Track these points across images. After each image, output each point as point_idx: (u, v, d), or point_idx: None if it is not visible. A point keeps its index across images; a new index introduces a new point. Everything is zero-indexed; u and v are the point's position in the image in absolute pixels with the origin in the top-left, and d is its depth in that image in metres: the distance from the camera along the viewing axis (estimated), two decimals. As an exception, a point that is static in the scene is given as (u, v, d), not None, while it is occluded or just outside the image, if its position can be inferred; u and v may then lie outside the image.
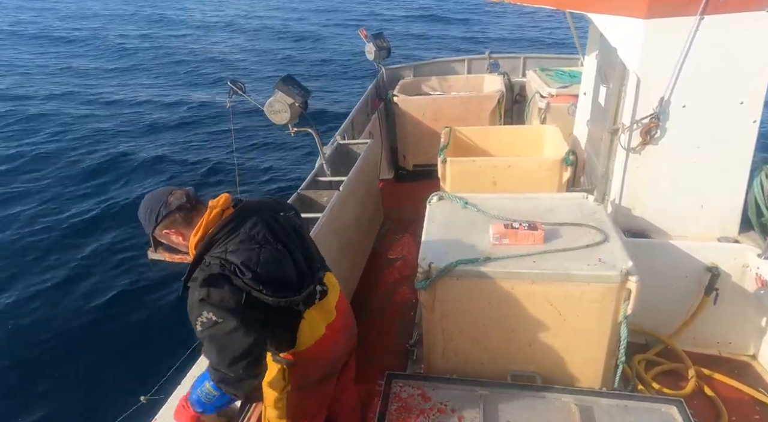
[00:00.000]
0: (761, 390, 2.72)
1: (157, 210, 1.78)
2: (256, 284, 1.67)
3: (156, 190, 1.89)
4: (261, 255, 1.72)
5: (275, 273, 1.73)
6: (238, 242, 1.72)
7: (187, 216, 1.80)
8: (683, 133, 2.67)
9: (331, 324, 1.98)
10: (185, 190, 1.85)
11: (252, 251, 1.71)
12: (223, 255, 1.68)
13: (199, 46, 19.71)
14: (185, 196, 1.81)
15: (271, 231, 1.81)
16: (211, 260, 1.68)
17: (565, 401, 2.05)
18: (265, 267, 1.70)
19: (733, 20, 2.39)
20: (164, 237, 1.85)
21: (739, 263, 2.77)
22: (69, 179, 8.71)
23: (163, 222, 1.78)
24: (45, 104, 12.94)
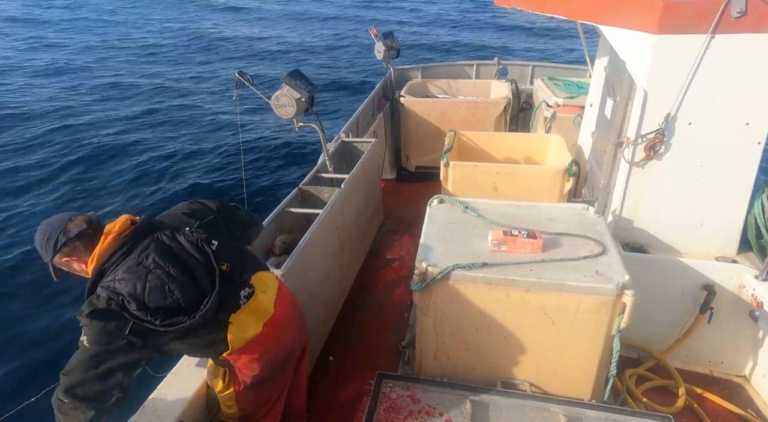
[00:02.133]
0: (750, 412, 2.72)
1: (55, 237, 1.74)
2: (143, 314, 1.66)
3: (53, 217, 1.84)
4: (147, 282, 1.69)
5: (162, 301, 1.69)
6: (125, 269, 1.70)
7: (88, 243, 1.77)
8: (687, 151, 2.67)
9: (270, 320, 1.95)
10: (86, 215, 1.82)
11: (138, 280, 1.68)
12: (111, 285, 1.68)
13: (210, 35, 19.72)
14: (86, 222, 1.78)
15: (163, 254, 1.76)
16: (101, 292, 1.68)
17: (554, 411, 2.05)
18: (151, 296, 1.68)
19: (743, 40, 2.39)
20: (64, 265, 1.82)
21: (736, 283, 2.77)
22: (71, 171, 8.69)
23: (62, 250, 1.75)
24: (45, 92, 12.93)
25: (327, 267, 3.30)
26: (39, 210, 7.22)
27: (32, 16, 23.00)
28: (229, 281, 1.87)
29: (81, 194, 7.75)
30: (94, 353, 1.63)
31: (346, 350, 3.30)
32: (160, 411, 2.03)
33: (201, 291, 1.77)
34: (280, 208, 3.37)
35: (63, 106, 11.49)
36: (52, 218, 1.83)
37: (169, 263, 1.75)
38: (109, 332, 1.64)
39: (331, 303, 3.42)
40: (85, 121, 10.65)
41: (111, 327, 1.64)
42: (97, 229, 1.79)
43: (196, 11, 25.49)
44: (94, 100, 12.05)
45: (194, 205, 2.06)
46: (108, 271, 1.71)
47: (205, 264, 1.82)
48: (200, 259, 1.82)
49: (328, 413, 2.84)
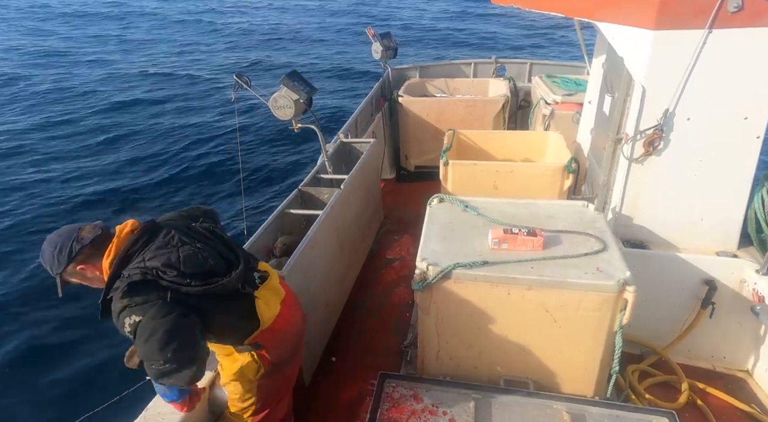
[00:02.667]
0: (753, 406, 2.72)
1: (69, 246, 1.75)
2: (182, 279, 1.71)
3: (59, 230, 1.84)
4: (180, 253, 1.76)
5: (199, 267, 1.78)
6: (154, 249, 1.75)
7: (102, 248, 1.79)
8: (686, 146, 2.67)
9: (284, 300, 2.09)
10: (94, 223, 1.85)
11: (170, 253, 1.75)
12: (141, 265, 1.70)
13: (207, 38, 19.72)
14: (99, 228, 1.81)
15: (185, 235, 1.85)
16: (130, 272, 1.69)
17: (557, 408, 2.05)
18: (187, 263, 1.75)
19: (740, 35, 2.39)
20: (77, 275, 1.82)
21: (737, 278, 2.77)
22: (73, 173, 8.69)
23: (77, 257, 1.75)
24: (41, 86, 12.94)
25: (328, 267, 3.30)
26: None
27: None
28: (247, 263, 1.98)
29: (70, 199, 7.77)
30: (157, 327, 1.64)
31: (348, 350, 3.30)
32: (163, 413, 2.03)
33: (228, 262, 1.89)
34: (280, 209, 3.37)
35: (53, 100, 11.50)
36: (59, 231, 1.83)
37: (195, 240, 1.85)
38: (153, 302, 1.66)
39: (333, 303, 3.42)
40: (79, 124, 10.67)
41: (153, 297, 1.66)
42: (108, 235, 1.83)
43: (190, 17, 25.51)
44: (84, 105, 12.04)
45: (182, 212, 2.14)
46: (134, 257, 1.74)
47: (222, 243, 1.95)
48: (215, 240, 1.94)
49: (330, 413, 2.84)
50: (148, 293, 1.67)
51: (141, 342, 1.66)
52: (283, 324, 2.04)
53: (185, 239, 1.83)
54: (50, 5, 26.87)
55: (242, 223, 4.19)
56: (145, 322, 1.64)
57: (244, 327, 1.95)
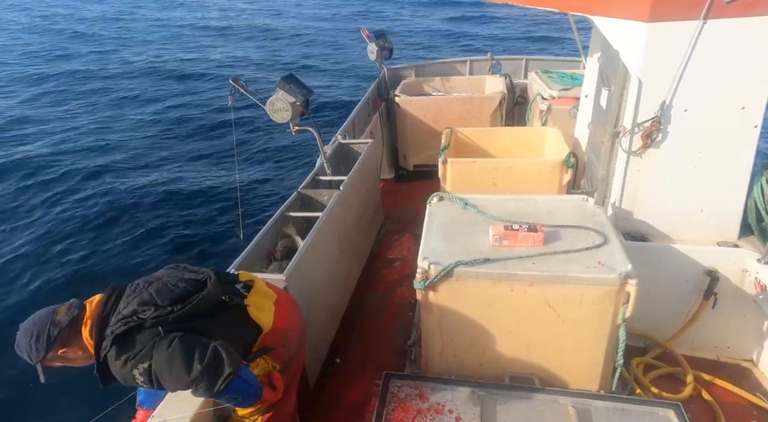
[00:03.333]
0: (759, 395, 2.72)
1: (46, 332, 1.71)
2: (162, 311, 1.73)
3: (31, 317, 1.80)
4: (148, 292, 1.79)
5: (172, 293, 1.81)
6: (124, 300, 1.80)
7: (78, 327, 1.78)
8: (684, 137, 2.67)
9: (277, 300, 2.12)
10: (67, 304, 1.83)
11: (141, 294, 1.79)
12: (119, 317, 1.73)
13: (202, 44, 19.72)
14: (71, 307, 1.80)
15: (147, 280, 1.91)
16: (112, 329, 1.71)
17: (563, 403, 2.05)
18: (160, 295, 1.78)
19: (735, 25, 2.39)
20: (58, 359, 1.79)
21: (739, 267, 2.77)
22: (68, 182, 8.70)
23: (56, 343, 1.73)
24: (29, 105, 12.94)
25: (329, 269, 3.30)
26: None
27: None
28: (222, 278, 2.02)
29: (67, 208, 7.77)
30: (171, 359, 1.67)
31: (351, 351, 3.30)
32: (169, 420, 2.03)
33: (198, 281, 1.92)
34: (280, 212, 3.37)
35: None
36: (32, 318, 1.80)
37: (157, 278, 1.91)
38: (151, 344, 1.69)
39: (335, 305, 3.42)
40: (76, 131, 10.68)
41: (146, 340, 1.69)
42: (81, 312, 1.82)
43: (185, 15, 25.51)
44: (82, 111, 12.05)
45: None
46: (110, 317, 1.76)
47: (185, 270, 2.01)
48: (178, 271, 1.99)
49: (336, 415, 2.84)
50: (140, 339, 1.70)
51: (167, 379, 1.69)
52: (283, 323, 2.07)
53: (149, 280, 1.89)
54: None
55: (239, 228, 4.18)
56: (156, 364, 1.67)
57: (245, 335, 1.96)
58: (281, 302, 2.14)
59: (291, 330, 2.13)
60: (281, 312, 2.09)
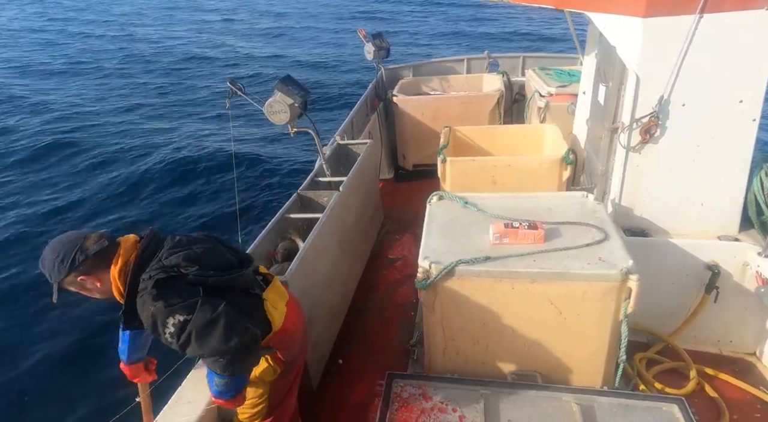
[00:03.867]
0: (762, 389, 2.72)
1: (72, 256, 1.69)
2: (204, 272, 1.72)
3: (63, 236, 1.78)
4: (194, 251, 1.78)
5: (215, 261, 1.80)
6: (167, 250, 1.75)
7: (105, 260, 1.75)
8: (683, 132, 2.67)
9: (288, 301, 2.12)
10: (100, 233, 1.80)
11: (185, 251, 1.76)
12: (160, 264, 1.70)
13: (198, 46, 19.72)
14: (102, 237, 1.77)
15: (190, 239, 1.88)
16: (151, 273, 1.67)
17: (566, 400, 2.05)
18: (204, 258, 1.77)
19: (732, 18, 2.39)
20: (75, 285, 1.77)
21: (740, 261, 2.77)
22: (57, 181, 8.70)
23: (79, 268, 1.70)
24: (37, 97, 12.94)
25: (330, 270, 3.30)
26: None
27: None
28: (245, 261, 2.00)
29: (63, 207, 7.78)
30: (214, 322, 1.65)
31: (354, 352, 3.30)
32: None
33: (238, 259, 1.93)
34: (280, 214, 3.37)
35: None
36: (63, 237, 1.78)
37: (199, 241, 1.86)
38: (192, 299, 1.66)
39: (337, 306, 3.42)
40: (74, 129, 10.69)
41: (188, 294, 1.67)
42: (113, 245, 1.79)
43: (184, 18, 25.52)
44: (78, 111, 12.05)
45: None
46: (147, 262, 1.73)
47: (224, 246, 1.97)
48: (218, 242, 1.96)
49: (339, 416, 2.84)
50: (180, 291, 1.67)
51: (200, 340, 1.64)
52: (290, 324, 2.06)
53: (192, 239, 1.86)
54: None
55: (239, 230, 4.18)
56: (196, 322, 1.63)
57: (260, 326, 1.93)
58: (291, 303, 2.14)
59: (295, 332, 2.12)
60: (290, 314, 2.08)
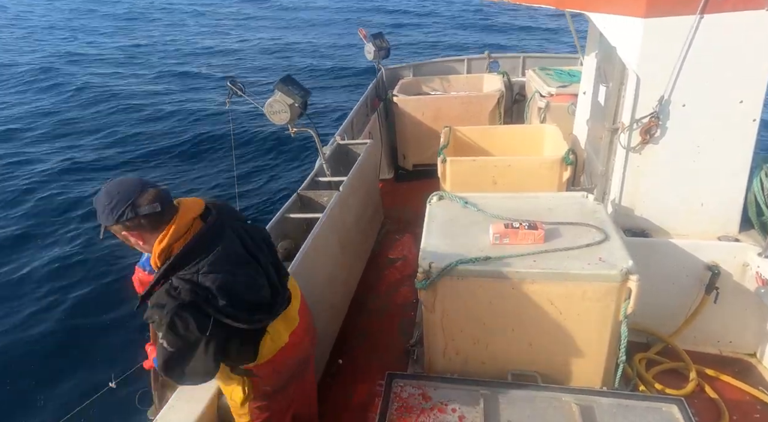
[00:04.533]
0: (762, 389, 2.72)
1: (122, 209, 1.56)
2: (231, 310, 1.57)
3: (123, 179, 1.64)
4: (237, 278, 1.61)
5: (252, 298, 1.64)
6: (212, 262, 1.58)
7: (156, 222, 1.60)
8: (683, 132, 2.67)
9: (294, 330, 1.95)
10: (157, 190, 1.62)
11: (228, 273, 1.58)
12: (195, 279, 1.55)
13: (198, 46, 19.73)
14: (158, 199, 1.59)
15: (245, 247, 1.69)
16: (181, 284, 1.54)
17: (566, 400, 2.05)
18: (241, 292, 1.61)
19: (732, 19, 2.39)
20: (120, 236, 1.66)
21: (740, 262, 2.77)
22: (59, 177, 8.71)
23: (126, 223, 1.58)
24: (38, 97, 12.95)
25: (330, 270, 3.30)
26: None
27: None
28: (283, 284, 1.89)
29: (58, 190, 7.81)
30: (183, 346, 1.56)
31: (354, 352, 3.30)
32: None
33: (275, 289, 1.77)
34: (280, 214, 3.37)
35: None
36: (124, 182, 1.62)
37: (251, 256, 1.69)
38: (191, 325, 1.54)
39: (337, 305, 3.42)
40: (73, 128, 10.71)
41: (192, 324, 1.54)
42: (168, 210, 1.61)
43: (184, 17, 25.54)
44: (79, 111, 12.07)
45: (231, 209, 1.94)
46: (188, 263, 1.57)
47: (273, 260, 1.82)
48: (269, 255, 1.80)
49: (339, 415, 2.84)
50: (188, 320, 1.53)
51: (167, 366, 1.60)
52: (282, 356, 1.90)
53: (246, 255, 1.68)
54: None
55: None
56: (176, 361, 1.58)
57: (244, 355, 1.82)
58: (297, 331, 1.94)
59: (286, 363, 1.94)
60: (289, 344, 1.90)
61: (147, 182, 1.64)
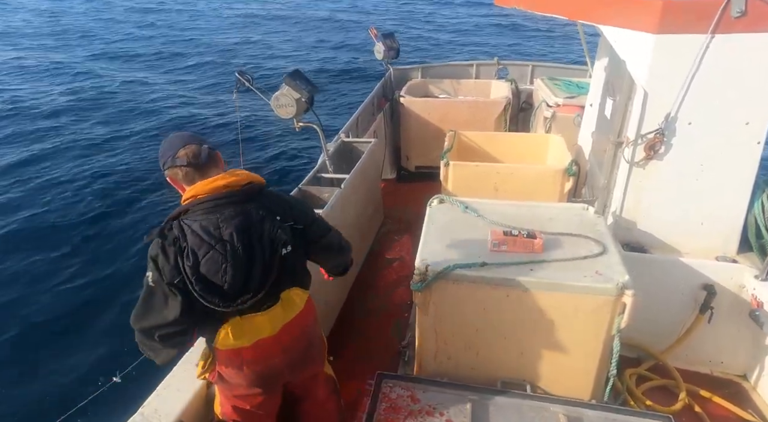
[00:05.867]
0: (750, 412, 2.72)
1: (167, 157, 1.78)
2: (190, 272, 1.66)
3: (180, 134, 1.86)
4: (212, 251, 1.68)
5: (211, 275, 1.69)
6: (203, 224, 1.69)
7: (190, 172, 1.76)
8: (687, 150, 2.67)
9: (266, 340, 1.86)
10: (200, 147, 1.78)
11: (204, 242, 1.68)
12: (185, 227, 1.69)
13: (208, 37, 19.73)
14: (195, 155, 1.76)
15: (242, 232, 1.72)
16: (176, 227, 1.69)
17: (554, 411, 2.05)
18: (206, 266, 1.68)
19: (743, 40, 2.39)
20: (170, 181, 1.86)
21: (736, 283, 2.77)
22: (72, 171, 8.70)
23: (166, 171, 1.81)
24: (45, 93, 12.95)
25: (327, 267, 3.29)
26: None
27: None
28: (266, 286, 1.83)
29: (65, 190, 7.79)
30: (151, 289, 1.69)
31: (346, 350, 3.30)
32: (160, 410, 2.03)
33: (246, 286, 1.74)
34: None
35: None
36: (177, 135, 1.85)
37: (241, 245, 1.72)
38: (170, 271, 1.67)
39: (331, 303, 3.42)
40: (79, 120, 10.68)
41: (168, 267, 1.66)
42: (203, 165, 1.77)
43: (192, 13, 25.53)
44: (84, 102, 12.06)
45: (301, 206, 1.98)
46: (193, 212, 1.71)
47: (268, 265, 1.78)
48: (267, 257, 1.77)
49: None
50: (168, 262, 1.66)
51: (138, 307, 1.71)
52: (244, 356, 1.85)
53: (235, 236, 1.70)
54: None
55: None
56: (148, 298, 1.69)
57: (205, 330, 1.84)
58: (271, 343, 1.88)
59: (251, 368, 1.89)
60: (251, 351, 1.85)
61: (195, 138, 1.83)
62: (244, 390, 1.96)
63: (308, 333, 2.04)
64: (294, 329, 1.93)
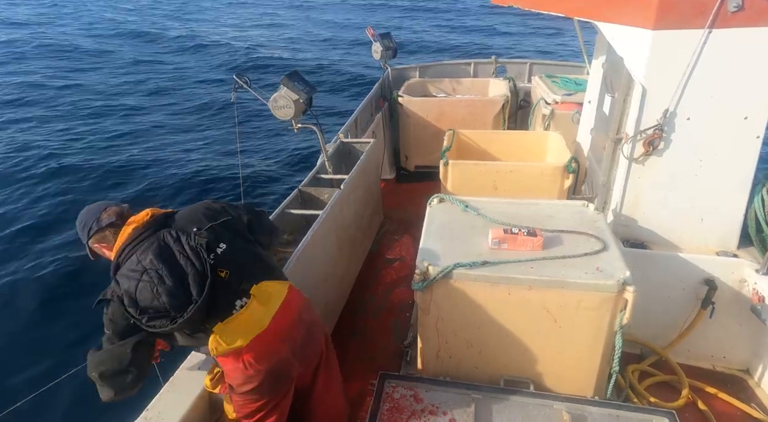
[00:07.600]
0: (754, 406, 2.72)
1: (90, 225, 1.96)
2: (134, 311, 1.78)
3: (94, 204, 2.05)
4: (140, 282, 1.78)
5: (149, 302, 1.78)
6: (127, 266, 1.84)
7: (116, 232, 1.94)
8: (686, 146, 2.67)
9: (261, 334, 1.88)
10: (120, 207, 2.01)
11: (133, 279, 1.79)
12: (118, 280, 1.83)
13: (207, 39, 19.72)
14: (117, 214, 1.97)
15: (160, 255, 1.81)
16: (113, 283, 1.84)
17: (557, 408, 2.05)
18: (141, 295, 1.78)
19: (740, 35, 2.39)
20: (97, 250, 2.02)
21: (737, 278, 2.77)
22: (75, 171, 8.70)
23: (94, 236, 1.96)
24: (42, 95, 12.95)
25: (327, 268, 3.30)
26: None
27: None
28: (225, 289, 1.87)
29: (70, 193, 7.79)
30: (108, 335, 1.84)
31: (348, 351, 3.30)
32: (163, 413, 2.03)
33: (189, 297, 1.78)
34: (280, 209, 3.37)
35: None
36: (93, 205, 2.03)
37: (163, 265, 1.79)
38: (112, 320, 1.82)
39: (332, 304, 3.42)
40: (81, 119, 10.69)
41: (116, 315, 1.81)
42: (125, 221, 1.95)
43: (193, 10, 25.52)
44: (84, 102, 12.06)
45: (214, 205, 2.09)
46: (121, 265, 1.85)
47: (200, 270, 1.81)
48: (196, 265, 1.82)
49: None
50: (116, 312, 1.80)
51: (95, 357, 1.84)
52: (246, 357, 1.87)
53: (155, 261, 1.79)
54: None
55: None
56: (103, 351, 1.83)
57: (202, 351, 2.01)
58: (267, 336, 1.89)
59: (258, 366, 1.89)
60: (252, 349, 1.87)
61: (111, 203, 2.04)
62: (256, 385, 1.94)
63: (304, 318, 2.09)
64: (285, 317, 1.97)
